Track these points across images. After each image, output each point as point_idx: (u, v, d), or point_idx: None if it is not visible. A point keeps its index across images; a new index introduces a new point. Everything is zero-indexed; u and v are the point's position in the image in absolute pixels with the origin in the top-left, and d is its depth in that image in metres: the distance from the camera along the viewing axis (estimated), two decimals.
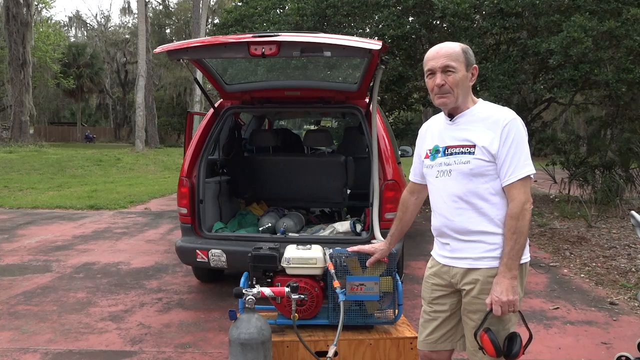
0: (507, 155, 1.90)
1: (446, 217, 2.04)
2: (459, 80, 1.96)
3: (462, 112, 2.02)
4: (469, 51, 2.01)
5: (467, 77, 1.98)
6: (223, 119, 4.53)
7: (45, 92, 40.18)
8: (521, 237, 1.89)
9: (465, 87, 1.98)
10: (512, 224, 1.89)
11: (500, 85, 8.25)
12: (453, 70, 1.95)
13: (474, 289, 1.98)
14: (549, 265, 5.73)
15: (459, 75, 1.96)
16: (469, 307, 2.02)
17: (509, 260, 1.89)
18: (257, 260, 2.64)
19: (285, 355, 2.54)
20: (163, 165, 19.14)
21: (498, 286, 1.88)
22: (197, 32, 25.19)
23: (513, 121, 1.93)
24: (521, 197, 1.90)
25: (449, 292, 2.10)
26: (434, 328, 2.16)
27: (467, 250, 1.99)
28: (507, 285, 1.87)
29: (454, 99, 1.98)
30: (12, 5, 24.44)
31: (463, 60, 1.97)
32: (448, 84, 1.96)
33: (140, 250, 6.29)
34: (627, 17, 7.79)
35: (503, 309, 1.87)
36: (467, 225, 1.98)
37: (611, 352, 3.40)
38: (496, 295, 1.87)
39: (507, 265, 1.89)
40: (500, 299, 1.87)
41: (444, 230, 2.07)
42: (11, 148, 21.31)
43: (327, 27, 9.59)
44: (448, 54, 1.96)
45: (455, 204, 2.00)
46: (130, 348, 3.43)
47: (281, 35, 3.45)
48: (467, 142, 1.97)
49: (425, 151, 2.15)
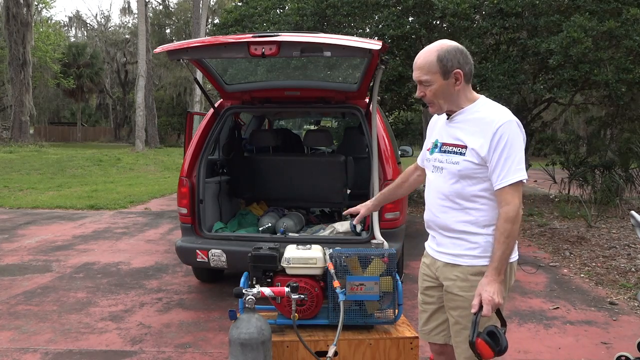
0: (499, 160, 1.87)
1: (433, 213, 2.08)
2: (435, 91, 1.95)
3: (458, 112, 2.00)
4: (447, 56, 1.92)
5: (447, 84, 1.94)
6: (223, 119, 4.53)
7: (45, 92, 40.14)
8: (513, 241, 1.89)
9: (448, 94, 1.96)
10: (507, 227, 1.87)
11: (500, 85, 8.25)
12: (427, 83, 1.95)
13: (454, 285, 2.01)
14: (549, 265, 5.73)
15: (435, 86, 1.94)
16: (449, 304, 2.05)
17: (499, 264, 1.87)
18: (257, 260, 2.64)
19: (285, 355, 2.54)
20: (163, 165, 19.13)
21: (489, 287, 1.86)
22: (197, 32, 25.18)
23: (507, 124, 1.88)
24: (516, 201, 1.87)
25: (436, 284, 2.13)
26: (426, 319, 2.22)
27: (449, 246, 2.03)
28: (498, 288, 1.87)
29: (438, 107, 2.00)
30: (12, 5, 24.43)
31: (437, 69, 1.92)
32: (427, 95, 1.97)
33: (140, 250, 6.29)
34: (627, 17, 7.78)
35: (493, 310, 1.86)
36: (450, 223, 2.00)
37: (611, 352, 3.40)
38: (489, 295, 1.85)
39: (497, 269, 1.87)
40: (493, 299, 1.84)
41: (430, 224, 2.13)
42: (11, 148, 21.31)
43: (327, 27, 9.58)
44: (421, 67, 1.95)
45: (441, 201, 2.02)
46: (130, 348, 3.44)
47: (281, 35, 3.45)
48: (460, 142, 1.96)
49: (430, 143, 2.16)
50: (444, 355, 2.23)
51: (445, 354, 2.22)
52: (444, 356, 2.24)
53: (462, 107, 1.99)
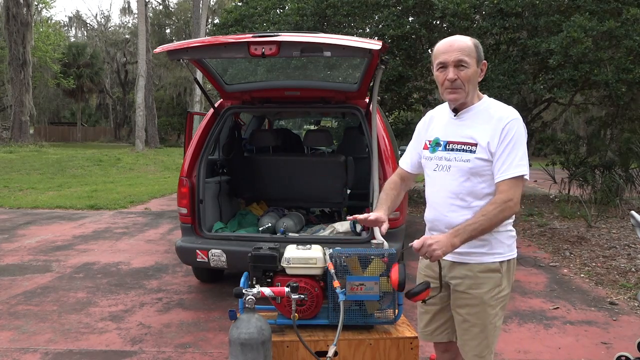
0: (503, 153, 1.89)
1: (440, 212, 2.05)
2: (470, 76, 1.93)
3: (468, 108, 2.00)
4: (479, 46, 1.97)
5: (477, 73, 1.96)
6: (223, 119, 4.53)
7: (45, 92, 40.15)
8: (486, 224, 1.85)
9: (475, 83, 1.97)
10: (489, 208, 1.87)
11: (500, 85, 8.25)
12: (466, 65, 1.92)
13: (462, 284, 2.00)
14: (549, 265, 5.73)
15: (471, 70, 1.93)
16: (457, 302, 2.04)
17: (461, 230, 1.84)
18: (257, 260, 2.64)
19: (285, 355, 2.54)
20: (163, 165, 19.13)
21: (437, 237, 1.83)
22: (197, 32, 25.18)
23: (515, 121, 1.92)
24: (509, 194, 1.87)
25: (439, 284, 2.11)
26: (428, 320, 2.21)
27: None
28: (445, 241, 1.82)
29: (465, 94, 1.96)
30: (12, 5, 24.43)
31: (475, 55, 1.94)
32: (460, 79, 1.93)
33: (140, 250, 6.29)
34: (627, 17, 7.79)
35: (422, 249, 1.83)
36: (459, 222, 1.98)
37: (611, 352, 3.40)
38: (430, 240, 1.82)
39: (457, 230, 1.85)
40: (426, 241, 1.82)
41: (436, 224, 2.09)
42: (11, 148, 21.31)
43: (327, 27, 9.59)
44: (461, 48, 1.92)
45: (450, 200, 2.00)
46: (130, 348, 3.44)
47: (281, 35, 3.45)
48: (470, 139, 1.96)
49: (424, 142, 2.14)
50: (449, 352, 2.23)
51: (451, 351, 2.22)
52: (448, 353, 2.24)
53: (473, 102, 2.00)
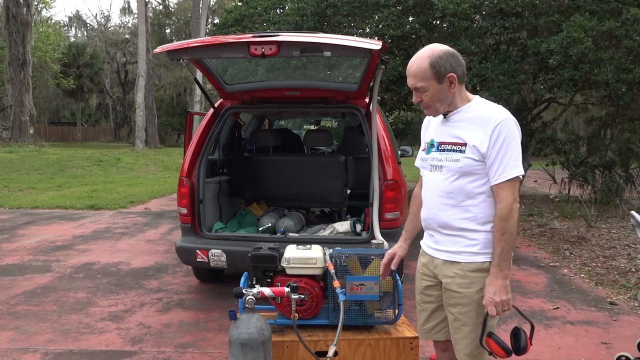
0: (497, 155, 1.91)
1: (433, 211, 2.09)
2: (432, 96, 1.98)
3: (456, 110, 2.03)
4: (439, 61, 1.93)
5: (442, 89, 1.97)
6: (223, 119, 4.53)
7: (45, 92, 40.10)
8: (511, 237, 1.92)
9: (444, 98, 1.99)
10: (502, 224, 1.92)
11: (500, 85, 8.24)
12: (422, 89, 1.97)
13: (453, 282, 2.02)
14: (549, 265, 5.73)
15: (431, 91, 1.97)
16: (448, 301, 2.07)
17: (500, 261, 1.92)
18: (257, 260, 2.64)
19: (285, 355, 2.54)
20: (163, 165, 19.13)
21: (491, 287, 1.92)
22: (197, 32, 25.19)
23: (505, 121, 1.93)
24: (509, 198, 1.91)
25: (435, 283, 2.14)
26: (426, 318, 2.23)
27: (448, 244, 2.05)
28: (500, 285, 1.91)
29: (436, 110, 2.03)
30: (12, 5, 24.41)
31: (431, 76, 1.94)
32: (424, 100, 2.00)
33: (140, 250, 6.29)
34: (627, 17, 7.78)
35: (497, 309, 1.91)
36: (450, 221, 2.02)
37: (611, 352, 3.40)
38: (490, 296, 1.91)
39: (498, 266, 1.92)
40: (494, 299, 1.90)
41: (429, 223, 2.13)
42: (11, 148, 21.28)
43: (327, 27, 9.58)
44: (415, 74, 1.97)
45: (442, 199, 2.04)
46: (130, 348, 3.44)
47: (281, 35, 3.45)
48: (459, 139, 1.99)
49: (424, 143, 2.19)
50: (448, 351, 2.24)
51: (450, 350, 2.23)
52: (448, 352, 2.24)
53: (458, 107, 2.03)
